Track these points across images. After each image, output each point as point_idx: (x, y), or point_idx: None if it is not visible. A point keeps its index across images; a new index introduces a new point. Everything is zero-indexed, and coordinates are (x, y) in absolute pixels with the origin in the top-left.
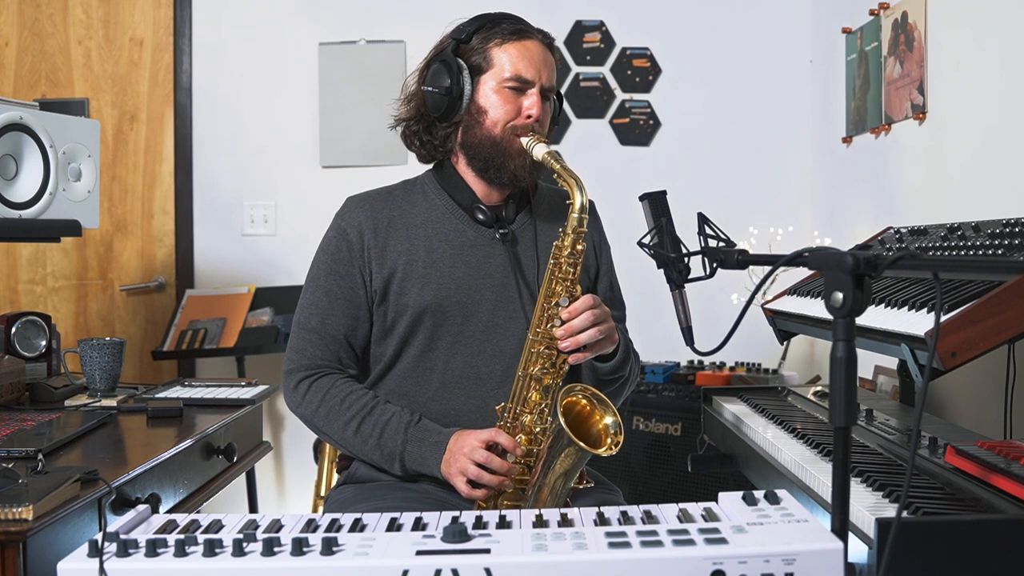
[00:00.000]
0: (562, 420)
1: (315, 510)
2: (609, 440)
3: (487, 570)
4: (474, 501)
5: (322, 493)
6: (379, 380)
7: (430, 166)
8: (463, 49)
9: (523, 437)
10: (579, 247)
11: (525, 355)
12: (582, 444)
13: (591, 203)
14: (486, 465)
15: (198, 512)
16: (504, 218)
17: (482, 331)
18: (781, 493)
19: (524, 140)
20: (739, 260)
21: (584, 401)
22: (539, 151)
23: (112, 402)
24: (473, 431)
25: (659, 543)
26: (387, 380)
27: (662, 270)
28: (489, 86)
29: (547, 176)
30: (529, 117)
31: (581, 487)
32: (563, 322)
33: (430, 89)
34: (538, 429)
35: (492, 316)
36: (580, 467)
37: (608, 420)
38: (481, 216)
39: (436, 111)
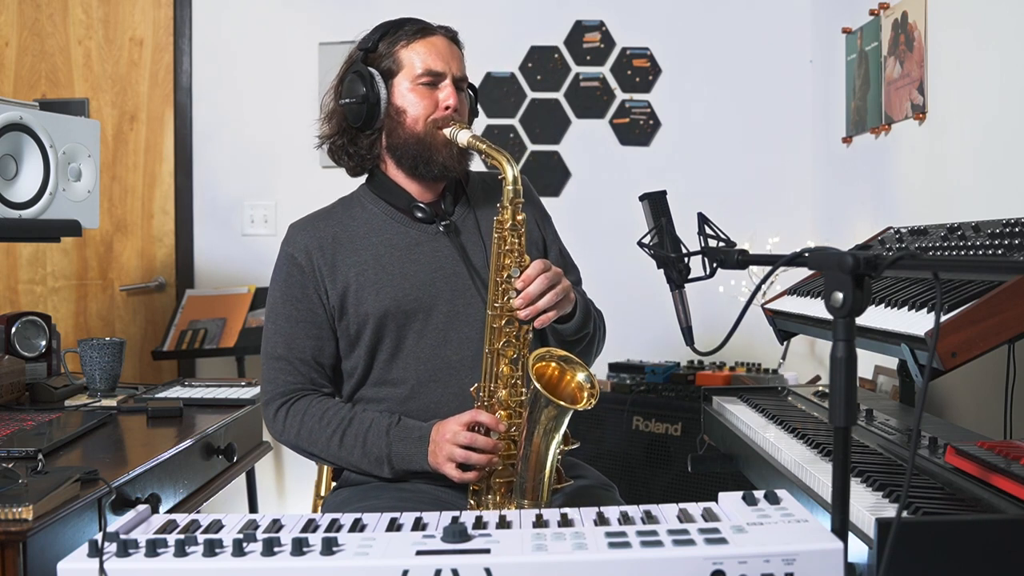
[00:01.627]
0: (536, 383)
1: (315, 510)
2: (585, 394)
3: (487, 570)
4: (468, 485)
5: (322, 493)
6: (355, 391)
7: (363, 180)
8: (372, 58)
9: (503, 412)
10: (519, 217)
11: (488, 332)
12: (560, 401)
13: (526, 181)
14: (471, 446)
15: (198, 512)
16: (443, 212)
17: (444, 323)
18: (781, 493)
19: (447, 131)
20: (739, 260)
21: (554, 364)
22: (463, 137)
23: (112, 402)
24: (452, 417)
25: (659, 543)
26: (364, 390)
27: (662, 270)
28: (403, 86)
29: (479, 163)
30: (448, 108)
31: (567, 448)
32: (518, 292)
33: (347, 101)
34: (515, 402)
35: (451, 306)
36: (562, 427)
37: (580, 376)
38: (420, 214)
39: (357, 121)
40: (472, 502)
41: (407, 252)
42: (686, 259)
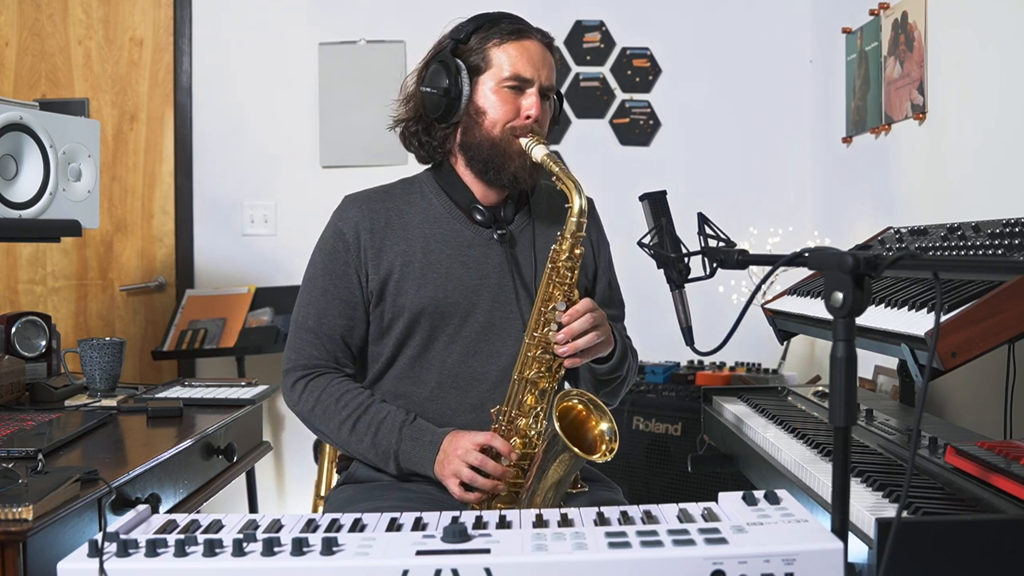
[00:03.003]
0: (557, 425)
1: (315, 510)
2: (604, 447)
3: (487, 570)
4: (467, 504)
5: (322, 493)
6: (376, 380)
7: (428, 165)
8: (461, 49)
9: (517, 440)
10: (577, 251)
11: (521, 359)
12: (577, 450)
13: (590, 201)
14: (480, 468)
15: (198, 512)
16: (503, 218)
17: (479, 331)
18: (781, 493)
19: (523, 141)
20: (739, 260)
21: (580, 407)
22: (538, 153)
23: (112, 402)
24: (468, 433)
25: (659, 543)
26: (384, 380)
27: (662, 270)
28: (488, 86)
29: (546, 174)
30: (528, 118)
31: (575, 491)
32: (560, 327)
33: (428, 90)
34: (533, 432)
35: (489, 317)
36: (574, 473)
37: (604, 426)
38: (479, 216)
39: (435, 112)
40: None
41: (457, 252)
42: (686, 259)
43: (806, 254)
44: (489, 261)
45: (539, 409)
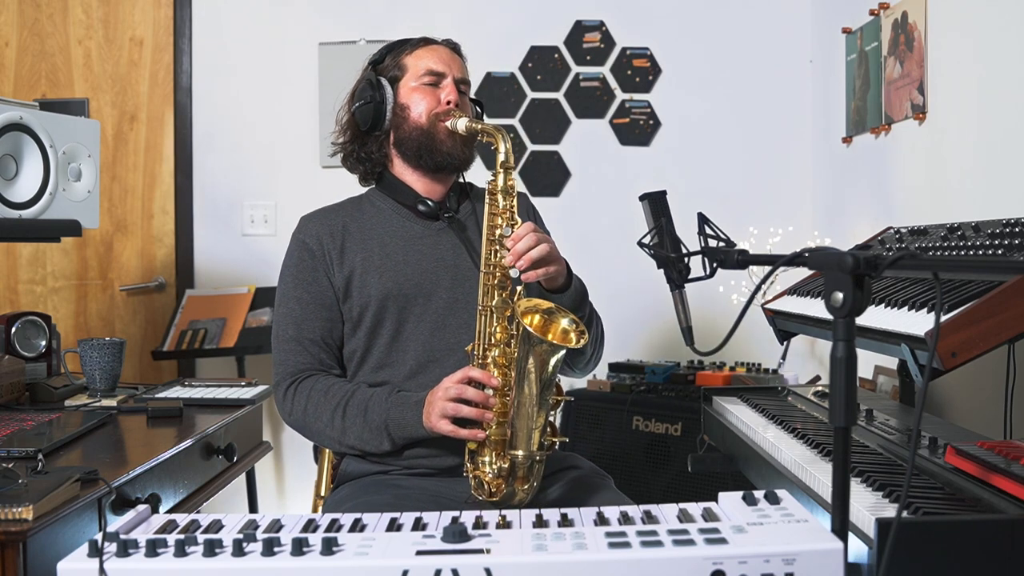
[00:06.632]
0: (523, 323)
1: (315, 510)
2: (573, 336)
3: (487, 570)
4: (463, 456)
5: (322, 493)
6: (356, 372)
7: (372, 185)
8: (380, 69)
9: (496, 372)
10: (510, 182)
11: (481, 290)
12: (547, 338)
13: (524, 194)
14: (461, 397)
15: (198, 512)
16: (448, 207)
17: (444, 308)
18: (781, 493)
19: (448, 122)
20: (739, 260)
21: (538, 316)
22: (461, 124)
23: (112, 402)
24: (445, 377)
25: (659, 543)
26: (363, 371)
27: (662, 270)
28: (408, 87)
29: (481, 150)
30: (449, 103)
31: (560, 399)
32: (509, 250)
33: (357, 104)
34: (509, 360)
35: (452, 294)
36: (555, 370)
37: (564, 322)
38: (424, 208)
39: (366, 124)
40: (468, 465)
41: (411, 243)
42: (686, 259)
43: (806, 254)
44: (441, 247)
45: (509, 337)
